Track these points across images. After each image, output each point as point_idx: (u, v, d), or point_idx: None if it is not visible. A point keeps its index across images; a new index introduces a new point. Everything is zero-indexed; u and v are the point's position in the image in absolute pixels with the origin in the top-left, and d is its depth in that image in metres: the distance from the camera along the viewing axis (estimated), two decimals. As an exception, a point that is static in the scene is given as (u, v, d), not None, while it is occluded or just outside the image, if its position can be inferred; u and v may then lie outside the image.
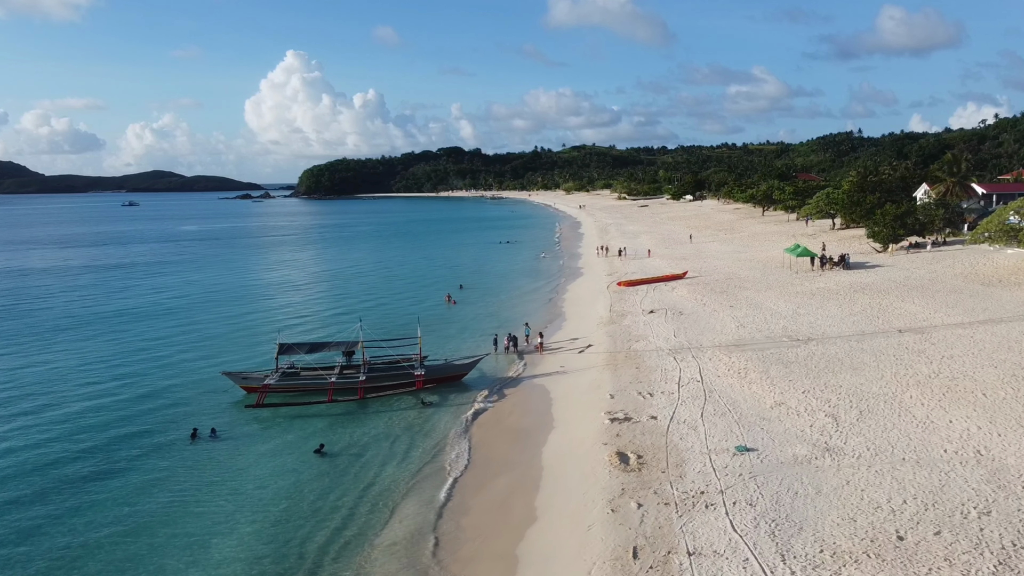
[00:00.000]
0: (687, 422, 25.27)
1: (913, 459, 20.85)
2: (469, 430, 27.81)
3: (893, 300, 43.61)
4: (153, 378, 35.88)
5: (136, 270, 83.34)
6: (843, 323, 38.48)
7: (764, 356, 32.68)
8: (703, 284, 54.20)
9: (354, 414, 30.46)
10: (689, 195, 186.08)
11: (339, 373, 34.01)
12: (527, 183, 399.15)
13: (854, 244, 69.64)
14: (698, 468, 21.37)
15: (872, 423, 23.78)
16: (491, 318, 50.21)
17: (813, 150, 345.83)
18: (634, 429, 25.01)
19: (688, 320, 42.09)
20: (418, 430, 28.11)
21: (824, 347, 33.73)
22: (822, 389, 27.52)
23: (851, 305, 42.96)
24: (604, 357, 35.81)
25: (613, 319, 44.45)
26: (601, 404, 28.08)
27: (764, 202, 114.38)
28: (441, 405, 31.32)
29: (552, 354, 38.76)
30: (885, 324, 37.79)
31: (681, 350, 35.21)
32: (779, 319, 40.42)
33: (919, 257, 58.86)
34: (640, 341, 37.97)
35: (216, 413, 30.62)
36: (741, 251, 74.61)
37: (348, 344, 34.42)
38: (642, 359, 34.37)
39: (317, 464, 24.81)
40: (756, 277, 56.00)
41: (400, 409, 30.88)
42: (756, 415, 25.43)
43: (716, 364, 32.21)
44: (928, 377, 28.12)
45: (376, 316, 51.80)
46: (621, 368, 33.26)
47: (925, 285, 47.82)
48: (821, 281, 52.07)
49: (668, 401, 27.70)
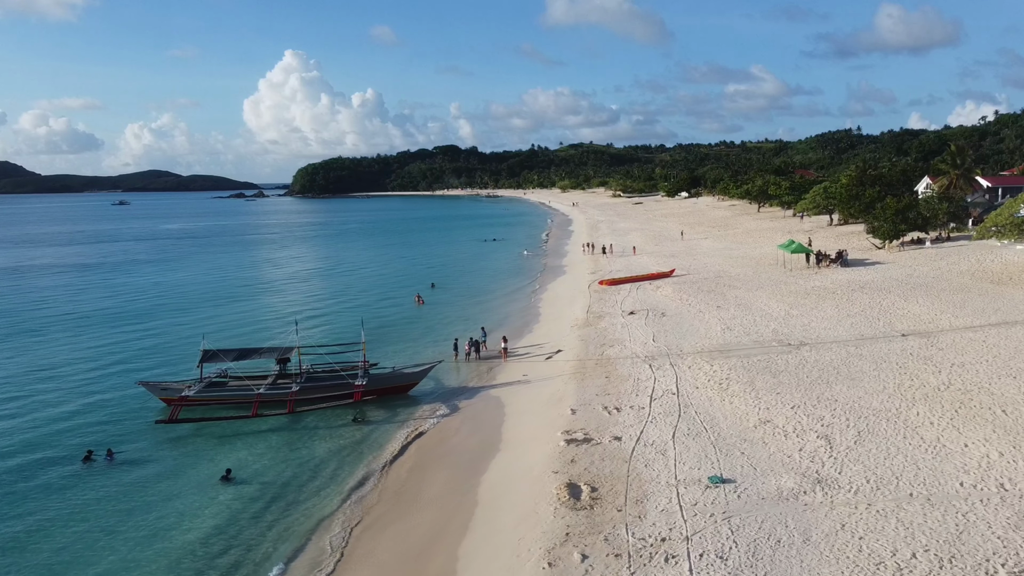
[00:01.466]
0: (656, 444, 21.48)
1: (923, 495, 17.08)
2: (404, 453, 24.00)
3: (895, 300, 39.84)
4: (70, 390, 32.03)
5: (99, 270, 79.45)
6: (840, 326, 34.72)
7: (750, 364, 28.89)
8: (690, 283, 50.42)
9: (280, 431, 26.65)
10: (684, 192, 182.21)
11: (272, 383, 30.22)
12: (523, 181, 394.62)
13: (853, 241, 65.87)
14: (662, 505, 17.60)
15: (872, 447, 20.00)
16: (460, 320, 46.42)
17: (812, 148, 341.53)
18: (593, 453, 21.23)
19: (670, 322, 38.30)
20: (347, 453, 24.29)
21: (818, 353, 29.95)
22: (814, 404, 23.74)
23: (849, 305, 39.18)
24: (573, 364, 32.03)
25: (589, 321, 40.67)
26: (560, 421, 24.30)
27: (760, 198, 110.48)
28: (380, 422, 27.50)
29: (517, 360, 34.96)
30: (886, 327, 34.02)
31: (659, 356, 31.42)
32: (769, 321, 36.64)
33: (921, 254, 55.09)
34: (615, 346, 34.19)
35: (125, 430, 26.82)
36: (733, 248, 70.84)
37: (281, 350, 30.58)
38: (614, 367, 30.58)
39: (219, 495, 21.02)
40: (748, 275, 52.23)
41: (333, 426, 27.05)
42: (737, 436, 21.65)
43: (696, 373, 28.42)
44: (937, 389, 24.34)
45: (339, 318, 48.08)
46: (589, 377, 29.47)
47: (929, 284, 44.06)
48: (817, 279, 48.30)
49: (637, 418, 23.91)
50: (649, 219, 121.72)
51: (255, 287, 63.41)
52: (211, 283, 66.36)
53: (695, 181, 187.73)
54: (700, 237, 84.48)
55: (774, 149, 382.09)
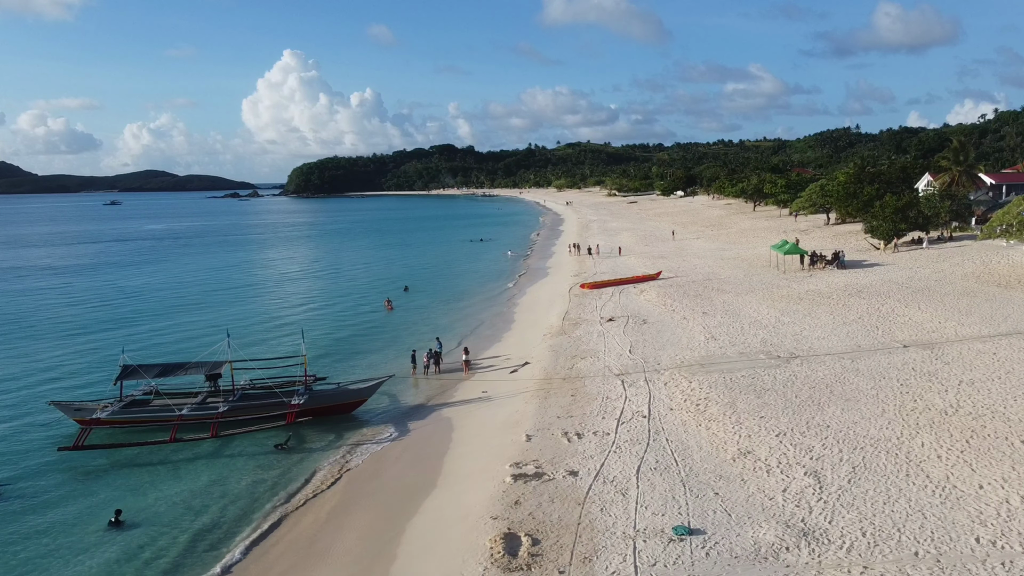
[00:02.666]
0: (616, 482, 18.36)
1: (931, 554, 13.97)
2: (331, 489, 20.83)
3: (895, 305, 36.73)
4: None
5: (63, 274, 76.03)
6: (835, 335, 31.59)
7: (733, 380, 25.75)
8: (677, 286, 47.29)
9: (198, 460, 23.48)
10: (680, 191, 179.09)
11: (201, 403, 27.07)
12: (519, 180, 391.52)
13: (850, 241, 62.79)
14: (614, 565, 14.49)
15: (870, 487, 16.88)
16: (428, 326, 43.29)
17: (810, 146, 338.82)
18: (542, 493, 18.10)
19: (651, 331, 35.18)
20: (266, 489, 21.13)
21: (810, 367, 26.82)
22: (803, 431, 20.60)
23: (845, 312, 36.07)
24: (539, 379, 28.90)
25: (564, 329, 37.54)
26: (511, 450, 21.17)
27: (755, 196, 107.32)
28: (313, 448, 24.34)
29: (480, 374, 31.81)
30: (886, 336, 30.90)
31: (633, 371, 28.29)
32: (758, 329, 33.51)
33: (923, 255, 51.98)
34: (587, 358, 31.06)
35: (24, 458, 23.66)
36: (726, 249, 67.71)
37: (210, 365, 27.39)
38: (583, 383, 27.45)
39: (100, 544, 17.87)
40: (738, 278, 49.12)
41: (259, 454, 23.89)
42: (711, 471, 18.53)
43: (672, 391, 25.28)
44: (944, 413, 21.21)
45: (302, 324, 44.81)
46: (554, 395, 26.35)
47: (931, 287, 40.95)
48: (811, 282, 45.19)
49: (599, 447, 20.79)
50: (642, 218, 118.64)
51: (222, 292, 60.14)
52: (177, 288, 63.11)
53: (691, 180, 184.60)
54: (692, 237, 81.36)
55: (772, 148, 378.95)
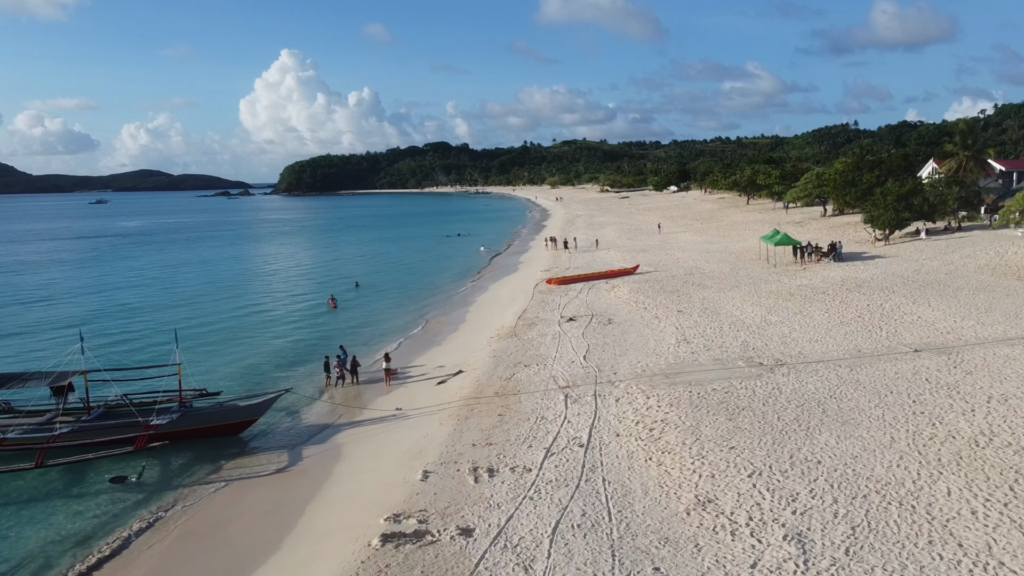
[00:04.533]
0: (522, 548, 13.11)
1: None
2: (152, 547, 15.49)
3: (900, 301, 31.51)
4: None
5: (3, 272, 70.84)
6: (830, 337, 26.36)
7: (702, 396, 20.50)
8: (654, 281, 42.05)
9: (15, 496, 18.19)
10: (673, 186, 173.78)
11: (47, 422, 21.79)
12: (513, 178, 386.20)
13: (849, 233, 57.51)
14: None
15: (877, 560, 11.64)
16: (368, 328, 38.14)
17: (808, 142, 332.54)
18: (414, 565, 12.84)
19: (615, 332, 29.95)
20: (74, 543, 15.84)
21: (798, 378, 21.58)
22: (785, 469, 15.35)
23: (842, 309, 30.84)
24: (468, 392, 23.67)
25: (516, 331, 32.28)
26: (396, 494, 15.92)
27: (748, 189, 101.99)
28: (159, 486, 19.02)
29: (402, 385, 26.56)
30: (891, 338, 25.66)
31: (583, 382, 23.06)
32: (740, 330, 28.28)
33: (929, 246, 46.76)
34: (532, 366, 25.79)
35: None
36: (714, 242, 62.45)
37: (54, 376, 22.06)
38: (517, 399, 22.20)
39: None
40: (724, 272, 43.88)
41: (85, 493, 18.58)
42: (655, 531, 13.30)
43: (623, 410, 20.04)
44: (974, 444, 15.96)
45: (232, 326, 39.66)
46: (478, 414, 21.11)
47: (941, 281, 35.75)
48: (804, 277, 39.96)
49: (512, 490, 15.54)
50: (630, 213, 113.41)
51: (157, 292, 54.74)
52: (118, 288, 57.72)
53: (685, 175, 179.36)
54: (679, 230, 76.08)
55: (770, 144, 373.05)
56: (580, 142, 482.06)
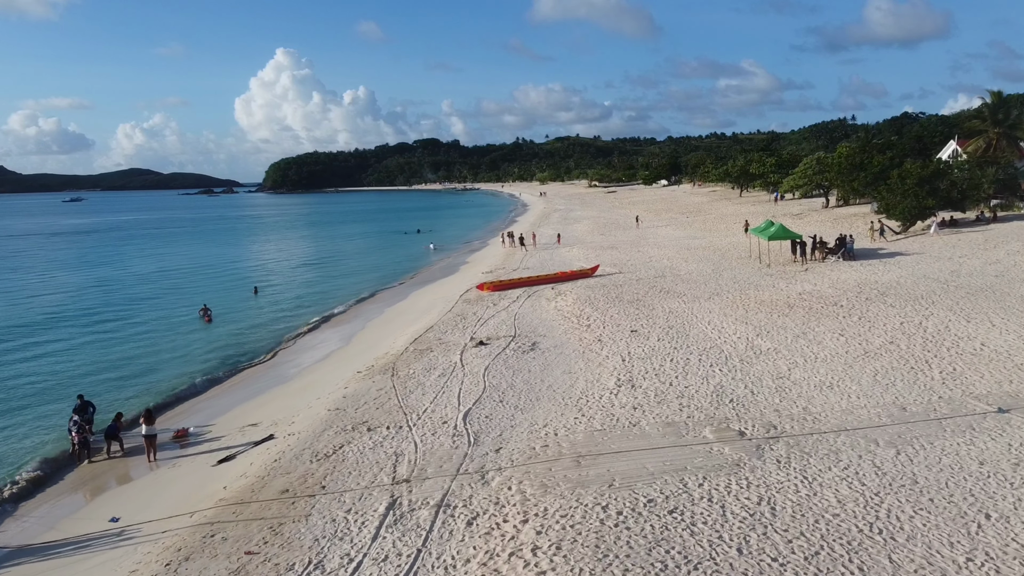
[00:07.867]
0: None
1: None
2: None
3: (947, 317, 22.00)
4: None
5: None
6: (851, 378, 16.81)
7: (622, 523, 10.87)
8: (613, 287, 32.51)
9: None
10: (664, 180, 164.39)
11: None
12: (503, 174, 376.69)
13: (856, 225, 48.01)
14: None
15: None
16: (235, 347, 28.60)
17: (805, 138, 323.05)
18: None
19: (533, 365, 20.39)
20: None
21: (806, 471, 11.98)
22: None
23: (865, 331, 21.29)
24: (246, 484, 14.10)
25: (399, 361, 22.65)
26: None
27: (741, 180, 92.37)
28: None
29: (171, 460, 16.98)
30: (950, 384, 16.12)
31: (434, 474, 13.47)
32: (713, 366, 18.72)
33: (963, 240, 37.29)
34: (377, 430, 16.20)
35: None
36: (697, 237, 52.90)
37: None
38: (311, 505, 12.59)
39: None
40: (704, 274, 34.38)
41: None
42: None
43: (473, 547, 10.41)
44: None
45: (78, 340, 30.05)
46: (234, 534, 11.49)
47: (993, 286, 26.29)
48: (807, 281, 30.45)
49: None
50: (612, 207, 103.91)
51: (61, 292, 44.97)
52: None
53: (676, 168, 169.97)
54: (661, 224, 66.46)
55: (766, 140, 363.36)
56: (573, 138, 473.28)
